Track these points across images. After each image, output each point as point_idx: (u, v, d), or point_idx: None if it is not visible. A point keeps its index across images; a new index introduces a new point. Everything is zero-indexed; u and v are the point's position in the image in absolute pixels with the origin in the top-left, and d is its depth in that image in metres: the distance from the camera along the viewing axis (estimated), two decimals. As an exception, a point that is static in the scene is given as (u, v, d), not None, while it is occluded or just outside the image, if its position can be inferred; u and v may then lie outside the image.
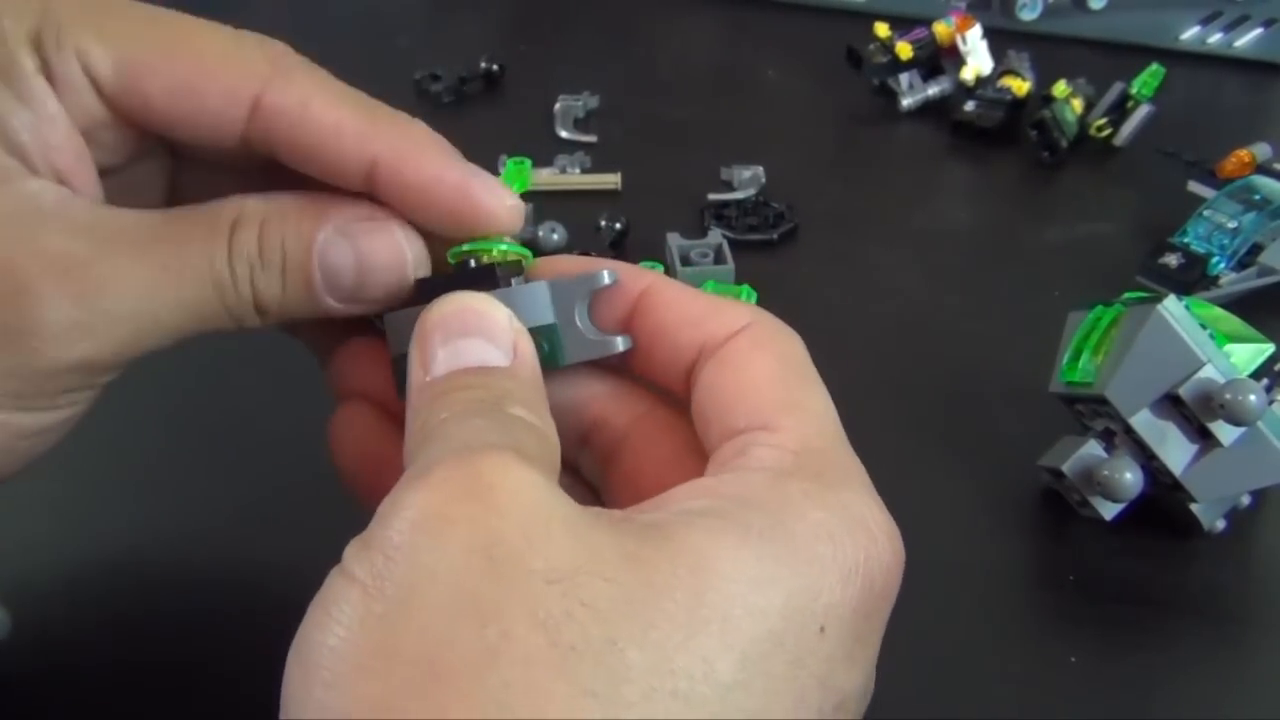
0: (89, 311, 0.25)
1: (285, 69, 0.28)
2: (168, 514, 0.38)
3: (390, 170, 0.27)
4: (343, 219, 0.28)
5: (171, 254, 0.26)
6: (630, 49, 0.73)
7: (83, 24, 0.27)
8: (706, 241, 0.50)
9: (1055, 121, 0.58)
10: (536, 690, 0.18)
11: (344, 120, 0.27)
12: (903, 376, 0.45)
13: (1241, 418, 0.34)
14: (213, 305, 0.27)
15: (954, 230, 0.55)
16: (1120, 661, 0.34)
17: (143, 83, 0.27)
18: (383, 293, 0.28)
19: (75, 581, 0.35)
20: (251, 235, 0.27)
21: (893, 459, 0.41)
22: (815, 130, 0.64)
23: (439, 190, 0.28)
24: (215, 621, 0.34)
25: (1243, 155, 0.55)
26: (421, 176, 0.28)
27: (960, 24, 0.63)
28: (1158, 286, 0.49)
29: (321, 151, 0.27)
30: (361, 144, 0.27)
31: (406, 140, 0.28)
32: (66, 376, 0.26)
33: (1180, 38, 0.70)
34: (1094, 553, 0.37)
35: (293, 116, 0.27)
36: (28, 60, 0.26)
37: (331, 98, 0.28)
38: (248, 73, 0.27)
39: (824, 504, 0.23)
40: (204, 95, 0.27)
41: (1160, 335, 0.35)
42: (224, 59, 0.27)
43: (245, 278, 0.27)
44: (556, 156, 0.58)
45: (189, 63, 0.27)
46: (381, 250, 0.28)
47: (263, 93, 0.27)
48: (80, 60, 0.27)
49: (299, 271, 0.27)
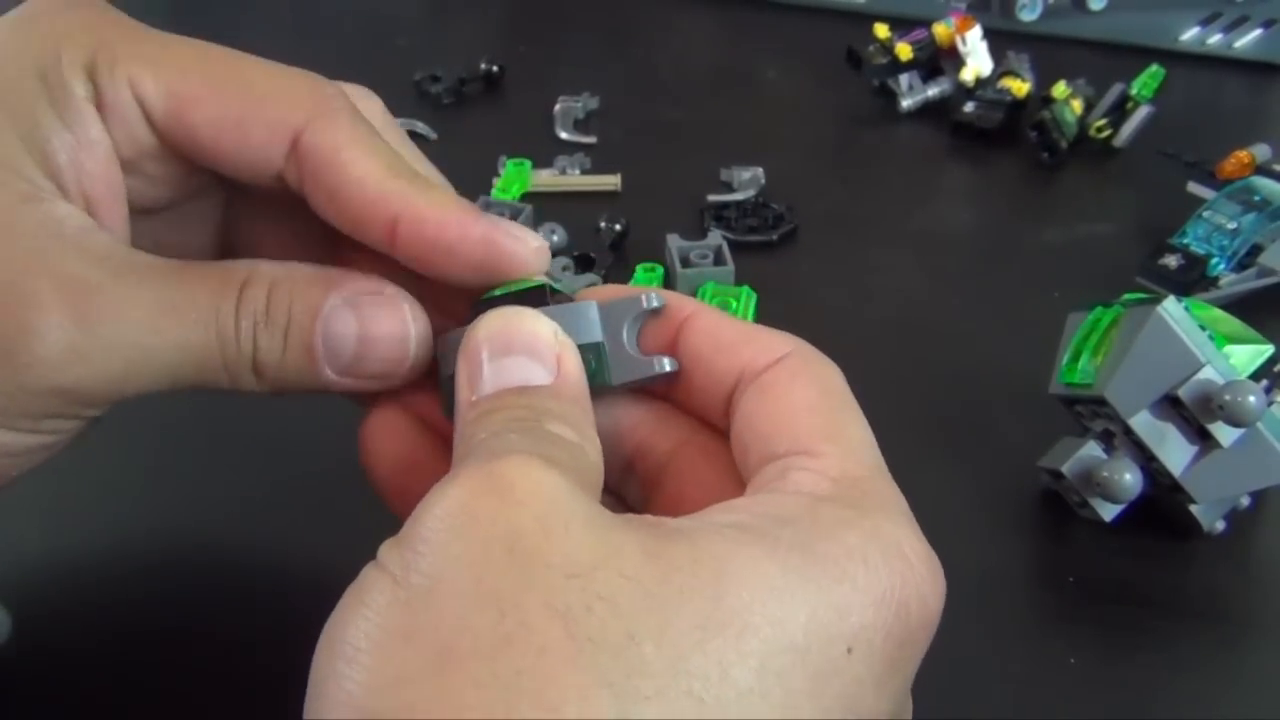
0: (87, 336, 0.25)
1: (329, 111, 0.28)
2: (170, 513, 0.38)
3: (411, 229, 0.27)
4: (352, 290, 0.28)
5: (180, 297, 0.27)
6: (630, 49, 0.73)
7: (136, 55, 0.27)
8: (706, 243, 0.50)
9: (1055, 122, 0.58)
10: (550, 679, 0.18)
11: (370, 174, 0.27)
12: (903, 377, 0.45)
13: (1241, 419, 0.34)
14: (211, 356, 0.27)
15: (954, 231, 0.55)
16: (1120, 662, 0.34)
17: (190, 113, 0.27)
18: (380, 366, 0.28)
19: (76, 582, 0.35)
20: (261, 294, 0.27)
21: (893, 459, 0.41)
22: (815, 131, 0.64)
23: (464, 246, 0.28)
24: (218, 622, 0.34)
25: (1242, 156, 0.55)
26: (444, 236, 0.27)
27: (960, 25, 0.63)
28: (1157, 287, 0.49)
29: (345, 201, 0.28)
30: (385, 201, 0.27)
31: (427, 202, 0.28)
32: (53, 400, 0.26)
33: (1180, 39, 0.70)
34: (1094, 553, 0.37)
35: (324, 160, 0.27)
36: (79, 87, 0.27)
37: (364, 149, 0.28)
38: (292, 109, 0.28)
39: (859, 529, 0.23)
40: (247, 128, 0.28)
41: (1160, 336, 0.35)
42: (270, 94, 0.28)
43: (248, 334, 0.27)
44: (556, 157, 0.58)
45: (235, 95, 0.28)
46: (384, 322, 0.28)
47: (302, 131, 0.28)
48: (132, 89, 0.27)
49: (301, 335, 0.28)
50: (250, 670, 0.32)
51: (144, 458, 0.40)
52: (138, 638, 0.33)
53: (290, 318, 0.27)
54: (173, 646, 0.33)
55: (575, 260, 0.49)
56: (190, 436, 0.41)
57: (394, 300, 0.28)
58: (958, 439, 0.42)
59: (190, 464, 0.40)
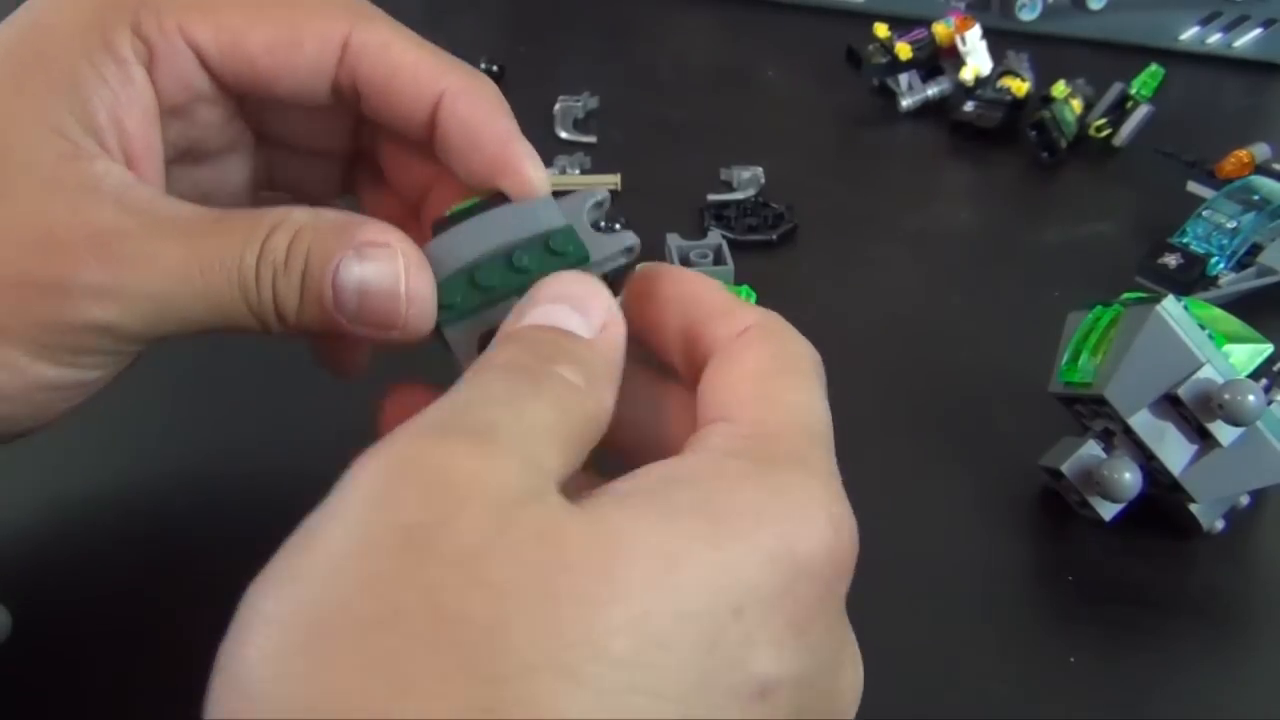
0: (117, 281, 0.27)
1: (367, 15, 0.31)
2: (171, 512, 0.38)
3: (451, 104, 0.31)
4: (363, 240, 0.29)
5: (207, 249, 0.28)
6: (630, 49, 0.73)
7: (181, 4, 0.30)
8: (706, 242, 0.50)
9: (1054, 122, 0.58)
10: (410, 659, 0.19)
11: (421, 59, 0.31)
12: (902, 376, 0.45)
13: (1240, 418, 0.34)
14: (237, 303, 0.28)
15: (954, 230, 0.55)
16: (1119, 661, 0.34)
17: (244, 42, 0.30)
18: (377, 317, 0.29)
19: (77, 581, 0.35)
20: (283, 242, 0.28)
21: (892, 459, 0.42)
22: (815, 130, 0.64)
23: (486, 135, 0.31)
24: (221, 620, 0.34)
25: (1242, 155, 0.55)
26: (476, 116, 0.31)
27: (960, 24, 0.63)
28: (1157, 287, 0.49)
29: (398, 85, 0.31)
30: (434, 78, 0.31)
31: (471, 79, 0.31)
32: (88, 335, 0.28)
33: (1179, 38, 0.70)
34: (1093, 553, 0.37)
35: (375, 55, 0.30)
36: (124, 45, 0.29)
37: (409, 41, 0.31)
38: (336, 19, 0.31)
39: (761, 484, 0.23)
40: (301, 43, 0.30)
41: (1159, 335, 0.35)
42: (314, 9, 0.31)
43: (268, 282, 0.28)
44: (556, 157, 0.58)
45: (283, 17, 0.30)
46: (380, 274, 0.29)
47: (350, 34, 0.30)
48: (184, 35, 0.29)
49: (314, 285, 0.29)
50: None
51: (145, 457, 0.40)
52: (139, 636, 0.33)
53: (306, 266, 0.29)
54: (174, 645, 0.33)
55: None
56: (191, 433, 0.41)
57: (392, 253, 0.29)
58: (958, 438, 0.42)
59: (191, 463, 0.40)
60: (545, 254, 0.30)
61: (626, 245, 0.31)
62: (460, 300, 0.30)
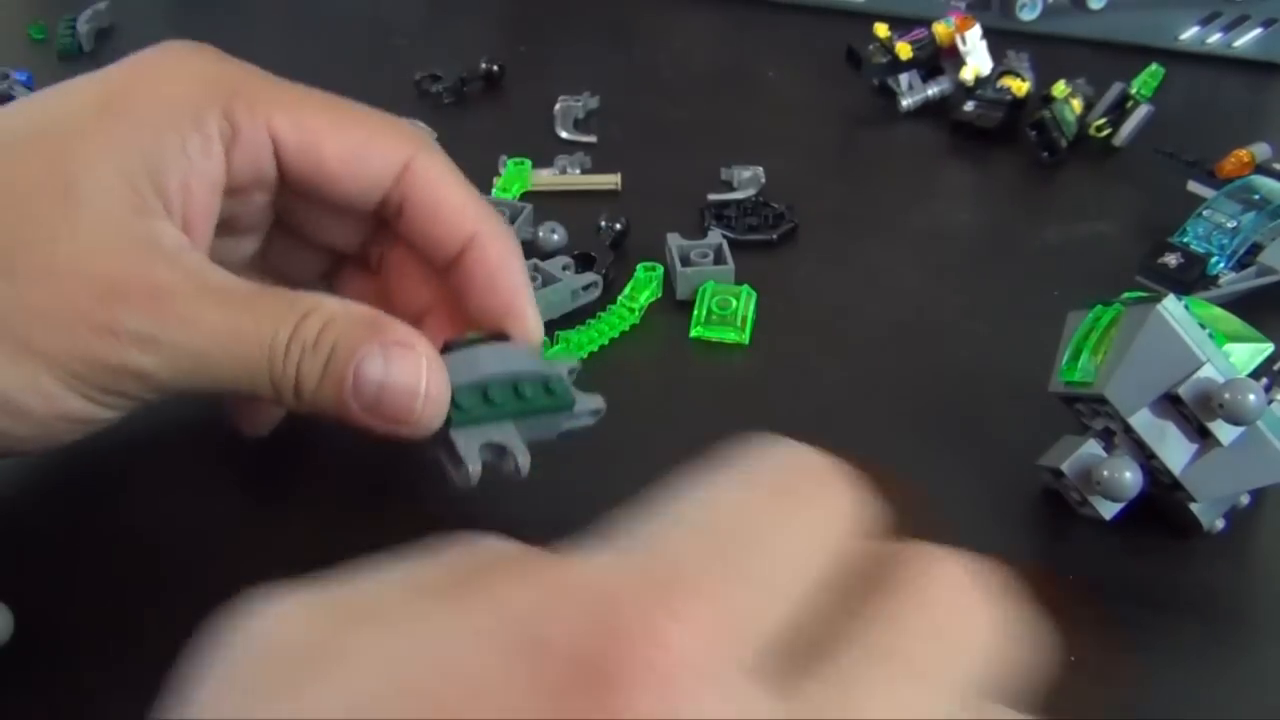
0: (163, 334, 0.30)
1: (428, 148, 0.36)
2: (171, 509, 0.38)
3: (483, 247, 0.35)
4: (390, 339, 0.32)
5: (245, 320, 0.31)
6: (630, 49, 0.73)
7: (274, 100, 0.34)
8: (706, 242, 0.50)
9: (1055, 121, 0.58)
10: None
11: (466, 200, 0.36)
12: (902, 376, 0.45)
13: (1240, 417, 0.34)
14: (261, 372, 0.31)
15: (954, 230, 0.55)
16: (1119, 661, 0.34)
17: (320, 146, 0.34)
18: (392, 412, 0.32)
19: (78, 581, 0.35)
20: (315, 326, 0.31)
21: (893, 459, 0.42)
22: (815, 130, 0.64)
23: (504, 282, 0.36)
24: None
25: (1242, 155, 0.55)
26: (500, 263, 0.36)
27: (960, 24, 0.63)
28: (1157, 286, 0.49)
29: (443, 216, 0.35)
30: (473, 220, 0.36)
31: (501, 228, 0.36)
32: (123, 378, 0.30)
33: (1179, 38, 0.70)
34: (1093, 552, 0.37)
35: (429, 185, 0.35)
36: (213, 124, 0.33)
37: (456, 180, 0.36)
38: (401, 144, 0.35)
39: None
40: (368, 158, 0.35)
41: (1159, 335, 0.35)
42: (383, 132, 0.35)
43: (295, 359, 0.31)
44: (556, 157, 0.58)
45: (357, 133, 0.35)
46: (404, 374, 0.32)
47: (413, 160, 0.35)
48: (269, 128, 0.33)
49: (337, 369, 0.31)
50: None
51: (146, 456, 0.40)
52: (139, 637, 0.33)
53: (333, 351, 0.31)
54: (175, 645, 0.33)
55: (576, 259, 0.49)
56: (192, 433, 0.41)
57: (417, 358, 0.32)
58: (958, 437, 0.42)
59: (192, 460, 0.40)
60: (544, 392, 0.35)
61: (595, 407, 0.37)
62: (470, 408, 0.33)
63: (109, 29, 0.71)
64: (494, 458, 0.34)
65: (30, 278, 0.30)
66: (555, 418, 0.36)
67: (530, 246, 0.51)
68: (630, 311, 0.47)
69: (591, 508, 0.38)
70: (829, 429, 0.42)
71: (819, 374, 0.45)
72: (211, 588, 0.35)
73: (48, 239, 0.30)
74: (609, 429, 0.39)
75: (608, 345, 0.46)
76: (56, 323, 0.30)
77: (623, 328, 0.47)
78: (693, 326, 0.47)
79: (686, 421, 0.42)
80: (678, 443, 0.41)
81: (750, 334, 0.47)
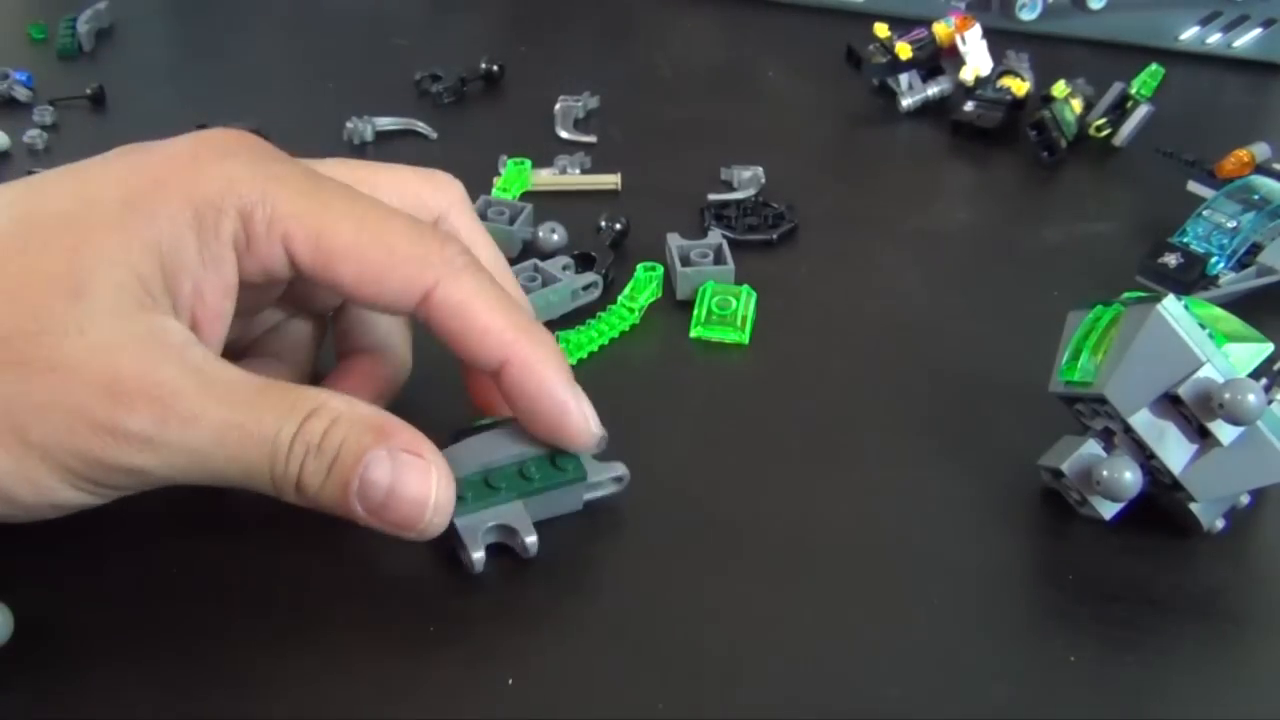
0: (161, 434, 0.30)
1: (455, 270, 0.34)
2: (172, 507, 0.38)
3: (516, 372, 0.34)
4: (398, 445, 0.32)
5: (249, 419, 0.31)
6: (630, 49, 0.73)
7: (293, 214, 0.33)
8: (706, 242, 0.50)
9: (1055, 121, 0.58)
10: None
11: (493, 325, 0.34)
12: (902, 376, 0.45)
13: (1240, 417, 0.34)
14: (262, 470, 0.31)
15: (954, 230, 0.55)
16: (1120, 661, 0.34)
17: (337, 267, 0.33)
18: (399, 519, 0.32)
19: (78, 580, 0.35)
20: (321, 427, 0.31)
21: (892, 459, 0.42)
22: (815, 130, 0.64)
23: (546, 405, 0.35)
24: (222, 621, 0.34)
25: (1242, 155, 0.55)
26: (541, 388, 0.34)
27: (960, 24, 0.63)
28: (1157, 286, 0.49)
29: (468, 343, 0.34)
30: (502, 348, 0.34)
31: (537, 349, 0.34)
32: (119, 475, 0.31)
33: (1179, 38, 0.70)
34: (1093, 552, 0.37)
35: (453, 312, 0.33)
36: (228, 229, 0.32)
37: (489, 302, 0.34)
38: (424, 270, 0.33)
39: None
40: (385, 283, 0.33)
41: (1159, 335, 0.35)
42: (407, 256, 0.33)
43: (299, 458, 0.31)
44: (556, 157, 0.58)
45: (378, 256, 0.33)
46: (413, 484, 0.32)
47: (434, 288, 0.33)
48: (284, 243, 0.33)
49: (343, 472, 0.31)
50: (266, 666, 0.33)
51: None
52: (139, 637, 0.33)
53: (339, 454, 0.31)
54: (175, 644, 0.33)
55: (576, 259, 0.49)
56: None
57: (427, 467, 0.32)
58: (958, 438, 0.42)
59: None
60: (550, 468, 0.36)
61: (616, 475, 0.37)
62: (472, 497, 0.35)
63: (109, 29, 0.71)
64: (504, 537, 0.35)
65: (34, 370, 0.30)
66: (572, 490, 0.36)
67: (530, 246, 0.51)
68: (630, 311, 0.47)
69: (591, 507, 0.38)
70: (829, 429, 0.42)
71: (819, 374, 0.45)
72: (211, 587, 0.35)
73: (56, 333, 0.30)
74: (609, 429, 0.39)
75: (608, 345, 0.46)
76: (56, 418, 0.30)
77: (623, 328, 0.47)
78: (693, 326, 0.47)
79: (686, 421, 0.42)
80: (678, 442, 0.42)
81: (750, 334, 0.47)
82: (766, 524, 0.38)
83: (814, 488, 0.39)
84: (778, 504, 0.39)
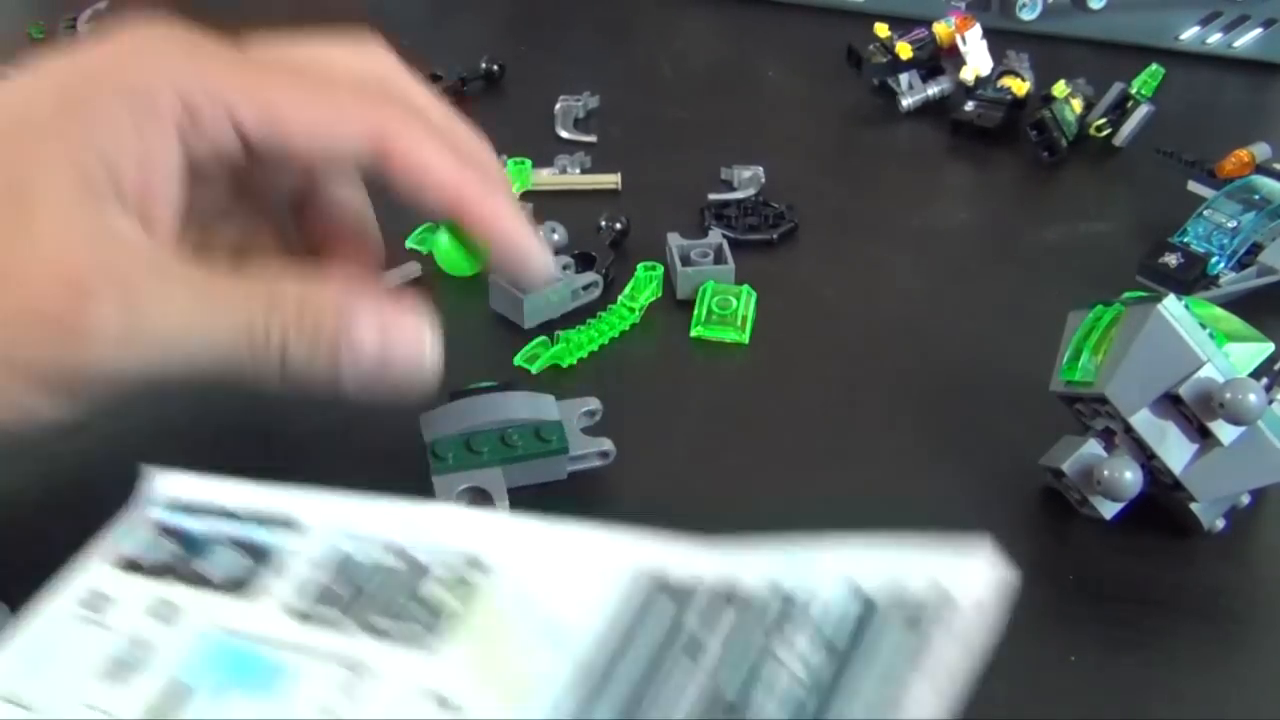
0: (132, 322, 0.29)
1: (405, 115, 0.34)
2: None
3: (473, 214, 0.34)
4: (378, 304, 0.31)
5: (213, 301, 0.30)
6: (630, 49, 0.73)
7: (236, 86, 0.32)
8: (706, 241, 0.50)
9: (1055, 121, 0.58)
10: None
11: (445, 171, 0.33)
12: (903, 376, 0.45)
13: (1241, 417, 0.34)
14: (240, 352, 0.30)
15: (954, 230, 0.55)
16: (1120, 661, 0.34)
17: (287, 128, 0.32)
18: (398, 376, 0.31)
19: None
20: (290, 305, 0.31)
21: (893, 458, 0.42)
22: (815, 130, 0.64)
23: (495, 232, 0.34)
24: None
25: (1242, 155, 0.55)
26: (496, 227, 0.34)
27: (960, 24, 0.63)
28: (1157, 286, 0.49)
29: (429, 191, 0.33)
30: (457, 193, 0.34)
31: (485, 187, 0.34)
32: (94, 384, 0.30)
33: (1180, 38, 0.70)
34: (1094, 552, 0.37)
35: (406, 160, 0.33)
36: (166, 108, 0.31)
37: (434, 148, 0.33)
38: (374, 109, 0.33)
39: None
40: (338, 133, 0.33)
41: (1160, 334, 0.35)
42: (355, 103, 0.33)
43: (278, 342, 0.30)
44: (556, 156, 0.58)
45: (327, 111, 0.33)
46: (407, 328, 0.31)
47: (386, 133, 0.33)
48: (231, 116, 0.32)
49: (329, 337, 0.31)
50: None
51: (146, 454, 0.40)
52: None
53: (319, 322, 0.31)
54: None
55: (576, 259, 0.49)
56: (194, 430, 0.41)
57: (408, 311, 0.31)
58: (958, 438, 0.42)
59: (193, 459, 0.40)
60: (533, 438, 0.36)
61: (602, 449, 0.37)
62: (452, 457, 0.35)
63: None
64: (477, 500, 0.36)
65: None
66: (555, 461, 0.37)
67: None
68: (630, 311, 0.47)
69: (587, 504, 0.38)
70: (829, 429, 0.42)
71: (819, 374, 0.45)
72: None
73: (5, 242, 0.29)
74: (609, 430, 0.39)
75: (608, 345, 0.46)
76: (20, 325, 0.29)
77: (623, 327, 0.47)
78: (693, 326, 0.47)
79: (686, 421, 0.42)
80: (678, 442, 0.42)
81: (750, 334, 0.47)
82: (766, 523, 0.38)
83: (813, 487, 0.39)
84: (777, 503, 0.39)
